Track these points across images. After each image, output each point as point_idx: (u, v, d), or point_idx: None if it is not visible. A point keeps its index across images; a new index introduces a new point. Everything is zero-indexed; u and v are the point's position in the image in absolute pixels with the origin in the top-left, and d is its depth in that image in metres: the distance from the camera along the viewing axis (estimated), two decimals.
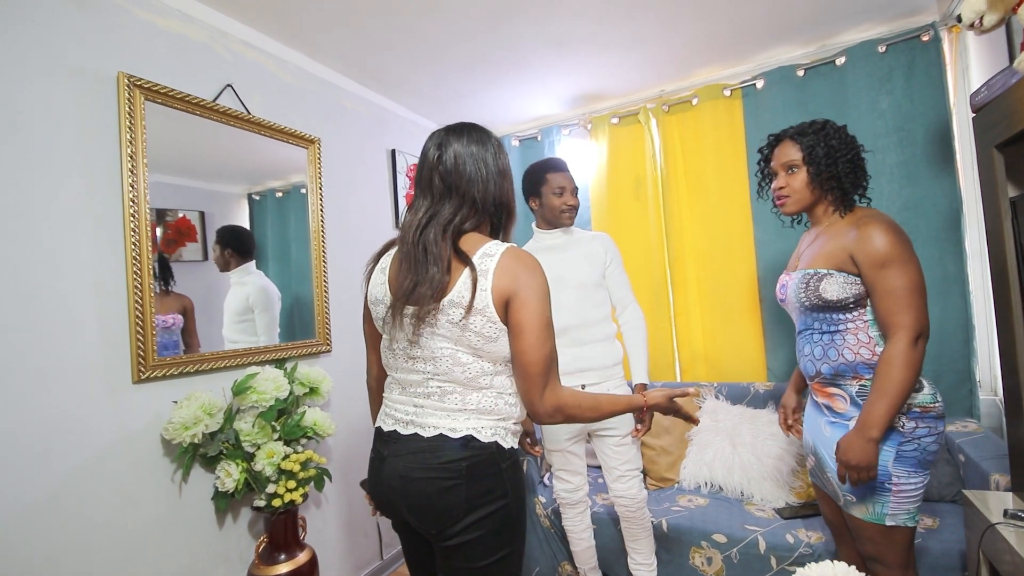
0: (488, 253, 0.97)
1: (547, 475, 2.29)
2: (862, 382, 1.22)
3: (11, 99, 1.25)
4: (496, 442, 0.99)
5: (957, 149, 2.01)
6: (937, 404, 1.21)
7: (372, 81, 2.35)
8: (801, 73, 2.28)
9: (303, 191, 2.05)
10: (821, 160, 1.28)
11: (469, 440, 0.97)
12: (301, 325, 2.02)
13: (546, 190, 1.77)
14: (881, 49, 2.11)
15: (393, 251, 1.07)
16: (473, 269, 0.94)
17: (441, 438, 0.97)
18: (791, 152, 1.33)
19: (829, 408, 1.28)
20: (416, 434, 0.99)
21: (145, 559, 1.44)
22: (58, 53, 1.34)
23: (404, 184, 2.61)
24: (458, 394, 0.99)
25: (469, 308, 0.94)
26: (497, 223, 1.07)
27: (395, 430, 1.03)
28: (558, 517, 2.01)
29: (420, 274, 0.94)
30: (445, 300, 0.95)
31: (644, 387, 1.74)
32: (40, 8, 1.32)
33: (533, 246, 1.84)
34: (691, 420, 1.20)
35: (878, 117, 2.13)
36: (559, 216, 1.78)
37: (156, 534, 1.47)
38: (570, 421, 1.01)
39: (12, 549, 1.20)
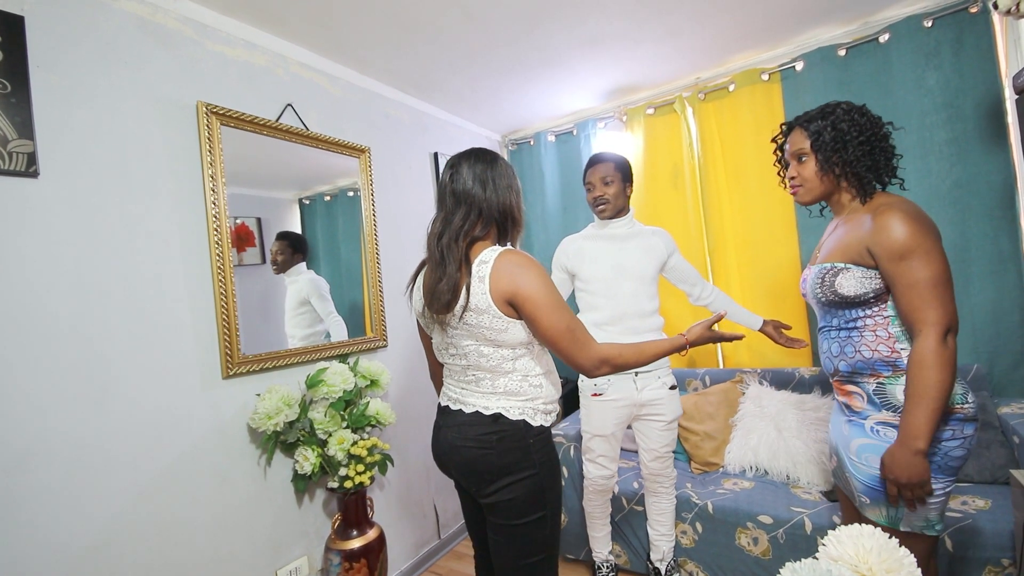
0: (484, 260, 1.13)
1: None
2: (880, 379, 1.17)
3: (114, 133, 1.43)
4: (524, 420, 1.17)
5: (1010, 123, 1.95)
6: (967, 405, 1.12)
7: (414, 88, 2.48)
8: (843, 52, 2.25)
9: (350, 194, 2.19)
10: (828, 146, 1.23)
11: (498, 417, 1.16)
12: (353, 322, 2.15)
13: (586, 187, 1.91)
14: (927, 23, 2.06)
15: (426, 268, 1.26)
16: (469, 275, 1.13)
17: (477, 415, 1.18)
18: (799, 140, 1.30)
19: (847, 407, 1.24)
20: (461, 410, 1.21)
21: (238, 532, 1.63)
22: (146, 87, 1.52)
23: None
24: (488, 380, 1.19)
25: (466, 308, 1.11)
26: (503, 229, 1.24)
27: (448, 405, 1.26)
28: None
29: (441, 271, 1.14)
30: (456, 306, 1.12)
31: (766, 322, 1.93)
32: (130, 48, 1.49)
33: (591, 233, 1.94)
34: (735, 338, 1.28)
35: (925, 94, 2.08)
36: (593, 210, 1.90)
37: (246, 511, 1.66)
38: (619, 370, 1.16)
39: (130, 523, 1.40)
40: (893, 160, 1.23)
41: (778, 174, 1.45)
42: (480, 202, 1.18)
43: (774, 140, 1.43)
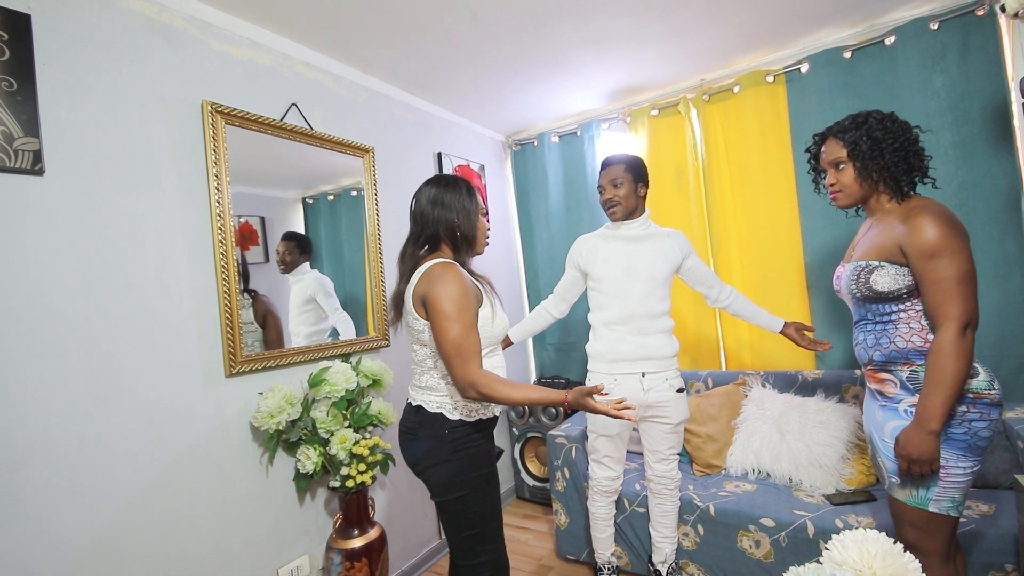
0: (422, 269, 1.30)
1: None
2: (913, 367, 1.24)
3: (119, 131, 1.44)
4: (441, 413, 1.31)
5: (1017, 127, 1.94)
6: (993, 392, 1.20)
7: (418, 89, 2.48)
8: (848, 55, 2.24)
9: (353, 193, 2.18)
10: (866, 154, 1.30)
11: (419, 409, 1.34)
12: (355, 322, 2.15)
13: (599, 191, 1.91)
14: (934, 26, 2.05)
15: None
16: (408, 281, 1.32)
17: (409, 406, 1.39)
18: (836, 150, 1.36)
19: (880, 393, 1.31)
20: (407, 402, 1.42)
21: (240, 530, 1.64)
22: (152, 86, 1.52)
23: None
24: (418, 374, 1.38)
25: (403, 309, 1.33)
26: (455, 245, 1.38)
27: (406, 397, 1.44)
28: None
29: (398, 282, 1.38)
30: (404, 309, 1.34)
31: (787, 324, 1.91)
32: (136, 47, 1.49)
33: (606, 232, 1.94)
34: (609, 414, 1.24)
35: (931, 97, 2.07)
36: (606, 212, 1.91)
37: (248, 509, 1.66)
38: (485, 400, 1.24)
39: (132, 520, 1.40)
40: (925, 161, 1.31)
41: (813, 181, 1.53)
42: (431, 222, 1.35)
43: (807, 151, 1.50)
